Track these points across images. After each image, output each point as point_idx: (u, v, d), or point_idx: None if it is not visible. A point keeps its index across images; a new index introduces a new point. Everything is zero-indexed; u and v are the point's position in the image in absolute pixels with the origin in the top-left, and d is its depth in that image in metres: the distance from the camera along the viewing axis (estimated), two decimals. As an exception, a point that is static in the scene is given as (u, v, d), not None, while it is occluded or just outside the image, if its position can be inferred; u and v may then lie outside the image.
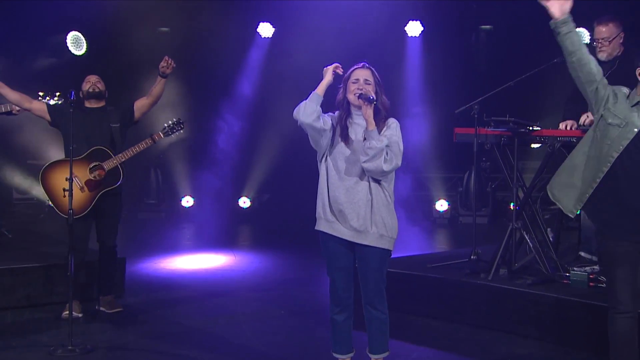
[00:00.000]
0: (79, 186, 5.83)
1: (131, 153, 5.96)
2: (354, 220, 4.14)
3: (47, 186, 5.86)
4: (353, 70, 4.28)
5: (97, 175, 5.89)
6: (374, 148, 4.04)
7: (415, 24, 11.63)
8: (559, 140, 5.64)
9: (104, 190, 5.91)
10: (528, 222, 5.95)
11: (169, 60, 6.07)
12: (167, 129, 6.17)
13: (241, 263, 8.48)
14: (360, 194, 4.14)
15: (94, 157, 5.89)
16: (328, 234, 4.22)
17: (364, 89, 4.17)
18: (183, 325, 5.75)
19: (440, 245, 9.99)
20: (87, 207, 5.84)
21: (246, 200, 12.24)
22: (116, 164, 5.91)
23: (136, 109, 6.16)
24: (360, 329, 4.43)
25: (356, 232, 4.14)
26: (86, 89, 6.06)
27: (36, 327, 5.64)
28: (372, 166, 4.06)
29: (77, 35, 11.50)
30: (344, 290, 4.29)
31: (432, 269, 6.22)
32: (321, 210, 4.24)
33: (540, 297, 5.35)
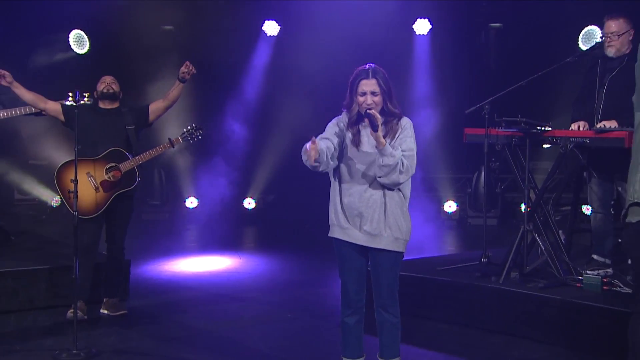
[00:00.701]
0: (94, 186, 5.87)
1: (149, 156, 6.01)
2: (367, 224, 4.15)
3: (62, 185, 5.89)
4: (359, 81, 4.15)
5: (113, 176, 5.92)
6: (388, 165, 4.05)
7: (423, 22, 11.60)
8: (572, 141, 5.63)
9: (119, 192, 5.93)
10: (540, 224, 5.94)
11: (190, 66, 6.10)
12: (187, 134, 6.21)
13: (247, 265, 8.49)
14: (374, 198, 4.15)
15: (111, 158, 5.94)
16: (342, 240, 4.22)
17: (371, 104, 4.11)
18: (189, 329, 5.76)
19: (449, 247, 9.99)
20: (101, 207, 5.88)
21: (251, 201, 12.25)
22: (133, 166, 5.95)
23: (151, 112, 6.19)
24: (371, 333, 4.43)
25: (370, 236, 4.15)
26: (101, 90, 6.09)
27: (40, 330, 5.66)
28: (388, 181, 4.09)
29: (79, 34, 11.51)
30: (355, 293, 4.29)
31: (442, 272, 6.22)
32: (334, 216, 4.25)
33: (553, 301, 5.35)
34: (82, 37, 11.53)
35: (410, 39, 11.76)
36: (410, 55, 11.72)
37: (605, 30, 5.78)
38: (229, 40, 11.66)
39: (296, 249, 9.45)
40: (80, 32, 11.51)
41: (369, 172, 4.17)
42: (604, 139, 5.47)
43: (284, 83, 11.78)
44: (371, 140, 4.16)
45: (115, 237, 6.08)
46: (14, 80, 6.00)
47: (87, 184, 5.83)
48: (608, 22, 5.77)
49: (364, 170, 4.18)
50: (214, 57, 11.59)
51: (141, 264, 8.00)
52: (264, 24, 11.87)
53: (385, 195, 4.17)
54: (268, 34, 11.93)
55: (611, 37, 5.74)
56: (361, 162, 4.19)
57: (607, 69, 5.83)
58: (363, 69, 4.19)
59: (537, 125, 5.78)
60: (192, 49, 11.41)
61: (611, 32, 5.74)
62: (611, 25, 5.75)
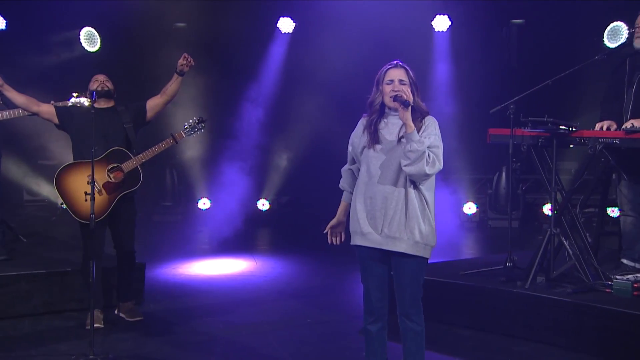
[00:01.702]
0: (97, 189, 5.81)
1: (151, 154, 5.96)
2: (387, 227, 4.14)
3: (63, 189, 5.85)
4: (387, 70, 4.27)
5: (115, 177, 5.89)
6: (415, 151, 4.03)
7: (442, 19, 11.56)
8: (601, 141, 5.59)
9: (123, 193, 5.92)
10: (567, 227, 5.90)
11: (188, 58, 6.04)
12: (189, 127, 6.15)
13: (262, 269, 8.49)
14: (395, 199, 4.14)
15: (112, 159, 5.90)
16: (363, 246, 4.22)
17: (399, 90, 4.17)
18: (206, 334, 5.78)
19: (469, 251, 9.96)
20: (105, 210, 5.85)
21: (265, 203, 12.24)
22: (135, 166, 5.91)
23: (149, 109, 6.13)
24: (395, 339, 4.42)
25: (390, 239, 4.14)
26: (94, 89, 5.96)
27: (55, 335, 5.69)
28: (414, 170, 4.06)
29: (90, 31, 11.56)
30: (378, 300, 4.29)
31: (465, 277, 6.19)
32: (355, 224, 4.25)
33: (581, 307, 5.31)
34: (94, 34, 11.58)
35: (430, 36, 11.71)
36: (429, 53, 11.68)
37: (637, 23, 5.71)
38: (243, 37, 11.66)
39: (312, 253, 9.43)
40: (92, 29, 11.55)
41: (391, 171, 4.15)
42: (635, 139, 5.43)
43: (299, 82, 11.75)
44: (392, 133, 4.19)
45: (124, 241, 6.07)
46: (4, 83, 5.93)
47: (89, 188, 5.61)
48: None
49: (386, 169, 4.16)
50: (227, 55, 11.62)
51: (154, 266, 8.02)
52: (279, 21, 11.86)
53: (407, 197, 4.15)
54: (283, 31, 11.92)
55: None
56: (383, 161, 4.18)
57: (636, 67, 5.79)
58: (390, 62, 4.28)
59: (564, 126, 5.74)
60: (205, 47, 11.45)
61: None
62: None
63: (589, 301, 5.34)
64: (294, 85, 11.88)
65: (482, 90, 11.05)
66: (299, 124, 12.01)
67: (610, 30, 10.85)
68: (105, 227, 5.97)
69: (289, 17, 11.84)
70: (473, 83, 11.20)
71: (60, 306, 6.29)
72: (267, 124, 12.16)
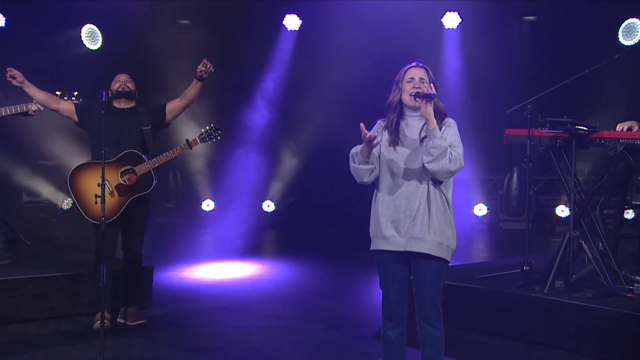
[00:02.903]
0: (109, 190, 5.86)
1: (166, 158, 6.01)
2: (410, 227, 4.15)
3: (75, 190, 5.90)
4: (407, 69, 4.32)
5: (128, 180, 5.92)
6: (439, 147, 4.05)
7: (452, 15, 11.61)
8: (622, 142, 5.62)
9: (135, 196, 5.94)
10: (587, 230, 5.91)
11: (208, 64, 6.10)
12: (205, 135, 6.19)
13: (271, 272, 8.52)
14: (419, 200, 4.16)
15: (125, 161, 5.94)
16: (384, 249, 4.24)
17: (420, 88, 4.20)
18: (217, 339, 5.79)
19: (481, 253, 9.97)
20: (116, 212, 5.88)
21: (270, 204, 12.29)
22: (149, 169, 5.95)
23: (168, 112, 6.21)
24: (413, 345, 4.44)
25: (413, 240, 4.15)
26: (115, 88, 6.09)
27: (64, 339, 5.70)
28: (437, 166, 4.07)
29: (92, 29, 11.61)
30: (398, 304, 4.30)
31: (482, 280, 6.21)
32: (376, 228, 4.26)
33: (602, 312, 5.32)
34: (95, 32, 11.61)
35: (439, 34, 11.77)
36: (439, 51, 11.73)
37: None
38: (248, 34, 11.70)
39: (320, 255, 9.47)
40: (93, 27, 11.59)
41: (413, 172, 4.17)
42: (657, 140, 5.45)
43: (306, 81, 11.79)
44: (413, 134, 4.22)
45: (132, 243, 6.10)
46: (25, 79, 6.02)
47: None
48: None
49: (408, 170, 4.19)
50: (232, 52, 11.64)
51: (159, 270, 8.03)
52: (285, 18, 11.89)
53: (429, 198, 4.17)
54: (289, 28, 11.96)
55: None
56: (405, 162, 4.20)
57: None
58: (410, 63, 4.33)
59: (584, 126, 5.75)
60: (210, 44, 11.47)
61: None
62: None
63: (610, 306, 5.35)
64: (300, 84, 11.91)
65: (493, 89, 11.09)
66: (305, 123, 12.05)
67: (625, 27, 10.88)
68: (117, 229, 6.00)
69: (296, 14, 11.86)
70: (484, 81, 11.23)
71: (66, 310, 6.31)
72: (272, 123, 12.21)
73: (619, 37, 10.89)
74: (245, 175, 11.96)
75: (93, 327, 5.81)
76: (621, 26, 10.87)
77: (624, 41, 10.82)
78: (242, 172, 11.97)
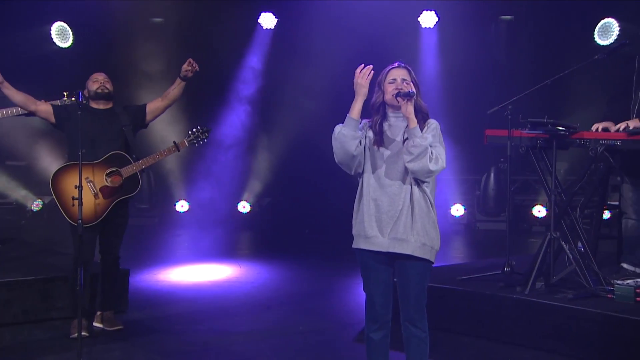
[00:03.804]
0: (93, 192, 5.80)
1: (152, 160, 5.99)
2: (394, 228, 4.19)
3: (58, 191, 5.81)
4: (388, 70, 4.35)
5: (112, 182, 5.87)
6: (419, 146, 4.09)
7: (429, 15, 11.65)
8: (602, 143, 5.68)
9: (120, 199, 5.91)
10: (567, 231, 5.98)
11: (193, 63, 6.07)
12: (193, 137, 6.16)
13: (248, 275, 8.51)
14: (402, 201, 4.20)
15: (111, 162, 5.89)
16: (367, 250, 4.26)
17: (401, 88, 4.23)
18: (196, 344, 5.78)
19: (459, 254, 10.05)
20: (99, 215, 5.84)
21: (246, 205, 12.25)
22: (135, 171, 5.91)
23: (149, 112, 6.16)
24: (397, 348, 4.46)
25: (397, 241, 4.18)
26: (94, 89, 5.99)
27: (39, 345, 5.66)
28: (417, 166, 4.11)
29: (62, 26, 11.50)
30: (382, 306, 4.32)
31: (463, 282, 6.25)
32: (359, 227, 4.28)
33: (583, 313, 5.38)
34: (65, 29, 11.51)
35: (416, 33, 11.80)
36: (416, 50, 11.77)
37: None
38: (223, 33, 11.65)
39: (297, 257, 9.48)
40: (64, 24, 11.48)
41: (397, 173, 4.21)
42: (637, 141, 5.53)
43: (282, 80, 11.79)
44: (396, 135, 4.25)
45: (112, 246, 6.06)
46: (4, 80, 5.93)
47: (86, 190, 5.72)
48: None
49: (391, 171, 4.22)
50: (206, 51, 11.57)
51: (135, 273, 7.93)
52: (260, 17, 11.86)
53: (413, 199, 4.21)
54: (264, 26, 11.93)
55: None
56: (388, 163, 4.23)
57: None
58: (392, 63, 4.36)
59: (565, 127, 5.82)
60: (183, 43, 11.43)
61: None
62: None
63: (591, 307, 5.41)
64: (276, 84, 11.91)
65: (469, 88, 11.17)
66: (281, 122, 12.04)
67: (601, 27, 11.00)
68: (97, 232, 5.95)
69: (271, 12, 11.84)
70: (460, 81, 11.29)
71: (41, 315, 6.25)
72: (247, 122, 12.17)
73: (595, 37, 11.00)
74: (220, 176, 11.92)
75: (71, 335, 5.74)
76: (597, 26, 10.98)
77: (600, 41, 10.95)
78: (217, 172, 11.93)
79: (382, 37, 10.90)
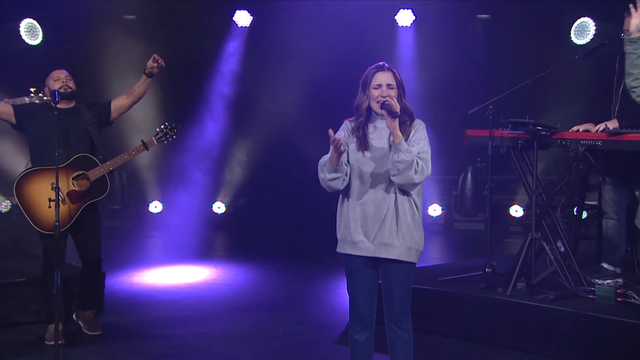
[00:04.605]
0: (60, 198, 5.60)
1: (120, 161, 5.90)
2: (379, 233, 4.22)
3: (23, 198, 5.70)
4: (374, 73, 4.31)
5: (80, 186, 5.81)
6: (404, 162, 4.10)
7: (406, 13, 11.70)
8: (583, 143, 5.74)
9: (89, 202, 5.84)
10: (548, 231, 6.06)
11: (158, 59, 6.01)
12: (161, 134, 6.08)
13: (225, 277, 8.49)
14: (387, 205, 4.22)
15: (77, 166, 5.80)
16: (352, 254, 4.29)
17: (387, 97, 4.22)
18: (175, 347, 5.78)
19: (437, 255, 10.10)
20: (68, 221, 5.74)
21: (221, 206, 12.22)
22: (103, 173, 5.84)
23: (114, 109, 6.08)
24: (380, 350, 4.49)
25: (382, 246, 4.22)
26: (56, 89, 5.79)
27: (13, 350, 5.62)
28: (402, 180, 4.14)
29: (31, 23, 11.37)
30: (366, 307, 4.35)
31: (444, 283, 6.30)
32: (344, 232, 4.31)
33: (565, 314, 5.47)
34: (35, 26, 11.39)
35: (393, 31, 11.85)
36: (393, 48, 11.80)
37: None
38: (196, 31, 11.61)
39: (274, 258, 9.47)
40: (33, 21, 11.37)
41: (381, 177, 4.23)
42: (618, 141, 5.59)
43: (257, 79, 11.77)
44: (381, 138, 4.26)
45: (91, 247, 6.01)
46: None
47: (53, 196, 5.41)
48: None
49: (376, 175, 4.24)
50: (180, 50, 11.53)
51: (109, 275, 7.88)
52: (235, 14, 11.83)
53: (397, 203, 4.24)
54: (239, 24, 11.89)
55: None
56: (373, 167, 4.25)
57: (624, 68, 5.94)
58: (377, 64, 4.33)
59: (546, 127, 5.88)
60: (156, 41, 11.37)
61: None
62: None
63: (572, 308, 5.50)
64: (251, 82, 11.89)
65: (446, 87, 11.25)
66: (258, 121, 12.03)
67: (578, 26, 11.12)
68: (65, 238, 5.86)
69: (246, 10, 11.81)
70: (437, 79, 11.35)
71: (14, 319, 6.20)
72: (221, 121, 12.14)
73: (572, 36, 11.13)
74: (195, 176, 11.88)
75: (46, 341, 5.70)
76: (573, 25, 11.10)
77: (576, 40, 11.08)
78: (191, 172, 11.88)
79: (358, 35, 10.94)
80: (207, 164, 11.97)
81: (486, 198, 11.55)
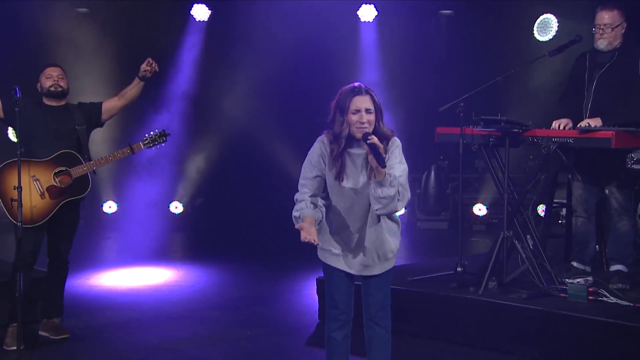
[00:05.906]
0: (39, 191, 5.71)
1: (105, 161, 5.94)
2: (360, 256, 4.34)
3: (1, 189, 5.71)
4: (352, 98, 4.18)
5: (61, 182, 5.80)
6: (387, 197, 4.11)
7: (369, 8, 11.79)
8: (555, 141, 5.86)
9: (68, 200, 5.84)
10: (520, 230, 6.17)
11: (153, 64, 6.07)
12: (149, 141, 6.13)
13: (187, 278, 8.47)
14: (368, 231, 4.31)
15: (60, 161, 5.81)
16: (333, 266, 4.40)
17: (366, 124, 4.14)
18: (141, 351, 5.77)
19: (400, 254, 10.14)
20: (45, 216, 5.76)
21: (178, 205, 12.18)
22: (85, 172, 5.86)
23: (105, 111, 6.12)
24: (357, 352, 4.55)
25: (364, 267, 4.36)
26: (47, 87, 5.92)
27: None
28: (385, 211, 4.18)
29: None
30: (345, 305, 4.42)
31: (415, 283, 6.38)
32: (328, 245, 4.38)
33: (537, 313, 5.58)
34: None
35: (355, 26, 11.93)
36: (356, 44, 11.91)
37: (597, 22, 5.99)
38: (152, 25, 11.52)
39: (235, 259, 9.47)
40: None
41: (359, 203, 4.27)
42: (589, 139, 5.73)
43: (217, 75, 11.75)
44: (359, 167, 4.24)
45: (61, 249, 6.00)
46: None
47: (32, 189, 5.68)
48: (601, 12, 5.98)
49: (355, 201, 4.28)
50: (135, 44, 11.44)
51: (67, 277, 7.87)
52: (193, 8, 11.79)
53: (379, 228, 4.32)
54: (197, 18, 11.85)
55: (604, 29, 5.96)
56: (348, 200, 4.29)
57: (597, 64, 6.07)
58: (353, 86, 4.23)
59: (517, 125, 6.00)
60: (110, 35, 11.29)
61: (604, 24, 5.96)
62: (604, 16, 5.97)
63: (545, 307, 5.62)
64: (210, 79, 11.87)
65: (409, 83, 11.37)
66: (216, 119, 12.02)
67: (540, 22, 11.32)
68: (43, 234, 5.88)
69: (204, 4, 11.77)
70: (400, 76, 11.47)
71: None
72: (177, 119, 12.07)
73: (534, 33, 11.33)
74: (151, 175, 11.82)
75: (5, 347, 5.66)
76: (536, 22, 11.30)
77: (539, 37, 11.28)
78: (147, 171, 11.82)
79: (320, 31, 11.00)
80: (164, 162, 11.91)
81: (449, 197, 11.75)
